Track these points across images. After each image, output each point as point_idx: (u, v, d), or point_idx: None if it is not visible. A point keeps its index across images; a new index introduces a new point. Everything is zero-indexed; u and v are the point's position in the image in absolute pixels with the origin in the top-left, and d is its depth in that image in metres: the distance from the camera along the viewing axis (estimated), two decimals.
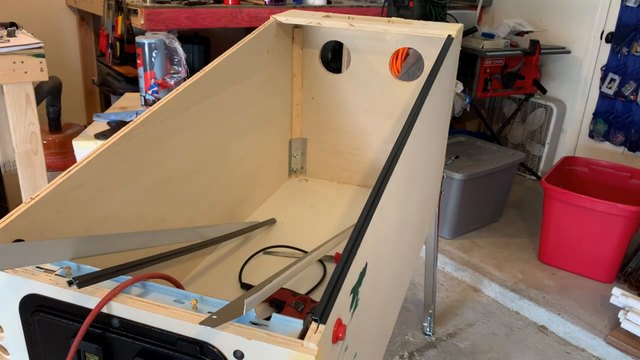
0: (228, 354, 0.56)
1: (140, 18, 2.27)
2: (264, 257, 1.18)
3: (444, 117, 1.47)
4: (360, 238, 0.70)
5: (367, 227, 0.72)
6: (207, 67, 1.09)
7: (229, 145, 1.22)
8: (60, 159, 2.45)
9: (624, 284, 2.16)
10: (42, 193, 0.74)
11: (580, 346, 1.96)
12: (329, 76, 1.50)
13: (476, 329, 2.04)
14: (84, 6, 2.91)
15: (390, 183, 0.80)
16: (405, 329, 2.02)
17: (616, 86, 2.77)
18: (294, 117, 1.55)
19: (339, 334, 0.60)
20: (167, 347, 0.59)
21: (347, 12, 1.66)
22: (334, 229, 1.10)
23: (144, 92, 1.79)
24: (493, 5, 3.30)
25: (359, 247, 0.68)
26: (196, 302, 0.59)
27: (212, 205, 1.17)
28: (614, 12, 2.73)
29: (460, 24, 1.39)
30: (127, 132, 0.88)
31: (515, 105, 3.15)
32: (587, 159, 2.51)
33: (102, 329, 0.61)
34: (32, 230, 0.72)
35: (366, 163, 1.55)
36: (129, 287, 0.62)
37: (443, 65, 1.15)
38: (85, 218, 0.82)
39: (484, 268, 2.31)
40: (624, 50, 2.71)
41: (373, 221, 0.73)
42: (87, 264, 0.66)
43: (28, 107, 1.59)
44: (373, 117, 1.49)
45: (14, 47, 1.54)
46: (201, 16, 2.37)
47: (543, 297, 2.12)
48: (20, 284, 0.63)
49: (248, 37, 1.23)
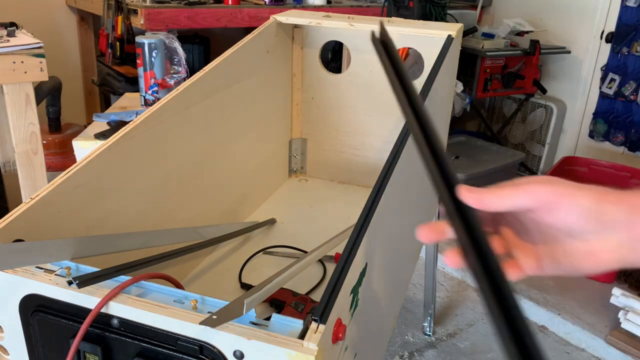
0: (228, 354, 0.56)
1: (140, 18, 2.27)
2: (264, 257, 1.18)
3: (444, 117, 1.47)
4: (360, 238, 0.69)
5: (367, 227, 0.72)
6: (207, 67, 1.09)
7: (229, 145, 1.22)
8: (60, 159, 2.45)
9: (624, 284, 2.16)
10: (42, 193, 0.74)
11: (580, 346, 1.96)
12: (329, 76, 1.50)
13: (476, 329, 2.04)
14: (84, 6, 2.91)
15: (390, 183, 0.80)
16: (405, 329, 2.02)
17: (616, 86, 2.77)
18: (294, 117, 1.54)
19: (339, 334, 0.60)
20: (167, 347, 0.59)
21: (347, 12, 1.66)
22: (334, 229, 1.10)
23: (144, 92, 1.79)
24: (493, 5, 3.30)
25: (359, 247, 0.68)
26: (196, 302, 0.59)
27: (212, 205, 1.17)
28: (614, 12, 2.73)
29: (460, 23, 1.39)
30: (127, 132, 0.88)
31: (515, 105, 3.15)
32: (587, 159, 2.51)
33: (101, 329, 0.61)
34: (32, 230, 0.72)
35: (366, 163, 1.55)
36: (128, 287, 0.62)
37: (443, 65, 1.15)
38: (85, 218, 0.82)
39: None
40: (624, 50, 2.71)
41: (373, 221, 0.73)
42: (87, 264, 0.66)
43: (28, 107, 1.59)
44: (373, 117, 1.49)
45: (13, 47, 1.54)
46: (201, 16, 2.37)
47: (543, 297, 2.12)
48: (20, 284, 0.63)
49: (248, 37, 1.23)
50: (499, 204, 0.46)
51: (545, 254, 0.48)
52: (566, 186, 0.45)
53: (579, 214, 0.45)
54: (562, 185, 0.45)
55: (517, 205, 0.46)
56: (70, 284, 0.61)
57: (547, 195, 0.45)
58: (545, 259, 0.48)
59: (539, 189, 0.45)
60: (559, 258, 0.47)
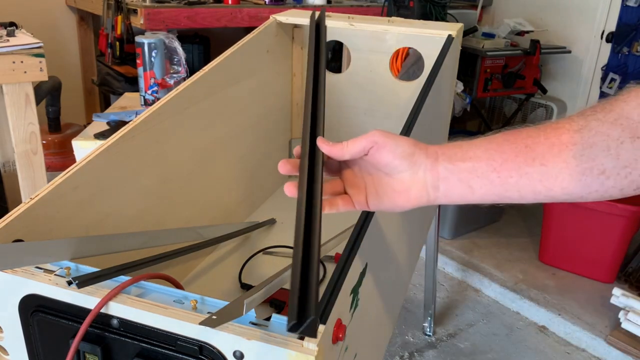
0: (228, 354, 0.56)
1: (140, 18, 2.27)
2: (263, 257, 1.18)
3: (444, 117, 1.47)
4: (360, 238, 0.69)
5: (367, 227, 0.72)
6: (206, 67, 1.08)
7: (229, 145, 1.21)
8: (60, 159, 2.45)
9: (625, 284, 2.16)
10: (41, 193, 0.74)
11: (580, 346, 1.96)
12: (329, 76, 1.50)
13: (476, 329, 2.04)
14: (84, 6, 2.91)
15: None
16: (405, 329, 2.02)
17: (617, 86, 2.77)
18: (294, 117, 1.54)
19: (339, 335, 0.60)
20: (167, 348, 0.58)
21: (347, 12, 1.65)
22: (334, 229, 1.10)
23: (144, 92, 1.78)
24: (493, 4, 3.30)
25: (359, 247, 0.68)
26: (196, 302, 0.59)
27: (212, 205, 1.17)
28: (614, 11, 2.73)
29: (460, 23, 1.39)
30: (126, 132, 0.88)
31: (515, 105, 3.14)
32: None
33: (101, 329, 0.61)
34: (32, 231, 0.72)
35: None
36: (128, 287, 0.62)
37: (443, 65, 1.15)
38: (85, 218, 0.82)
39: (484, 268, 2.31)
40: (625, 50, 2.71)
41: (373, 221, 0.73)
42: (87, 264, 0.66)
43: (27, 107, 1.59)
44: (373, 117, 1.49)
45: (13, 47, 1.54)
46: (201, 16, 2.37)
47: (543, 297, 2.12)
48: (20, 284, 0.63)
49: (248, 36, 1.23)
50: (345, 152, 0.60)
51: (371, 191, 0.61)
52: (392, 134, 0.59)
53: (398, 154, 0.57)
54: (389, 133, 0.59)
55: (357, 149, 0.59)
56: (70, 284, 0.61)
57: (379, 137, 0.58)
58: (370, 196, 0.61)
59: (373, 134, 0.59)
60: (380, 194, 0.60)
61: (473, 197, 0.57)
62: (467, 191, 0.56)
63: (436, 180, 0.57)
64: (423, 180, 0.58)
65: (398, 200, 0.59)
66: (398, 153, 0.57)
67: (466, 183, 0.56)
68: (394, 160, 0.58)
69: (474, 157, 0.56)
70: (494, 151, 0.55)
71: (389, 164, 0.58)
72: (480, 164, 0.55)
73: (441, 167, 0.57)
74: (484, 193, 0.56)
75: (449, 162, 0.57)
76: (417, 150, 0.58)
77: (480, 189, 0.56)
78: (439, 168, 0.57)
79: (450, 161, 0.57)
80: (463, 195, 0.57)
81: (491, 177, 0.55)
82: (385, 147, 0.58)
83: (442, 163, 0.57)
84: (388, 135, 0.59)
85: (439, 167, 0.57)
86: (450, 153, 0.57)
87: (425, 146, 0.58)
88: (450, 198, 0.58)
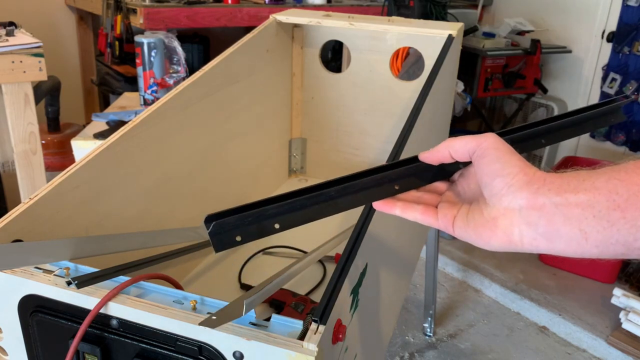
0: (227, 355, 0.55)
1: (140, 17, 2.27)
2: (263, 257, 1.17)
3: (444, 117, 1.46)
4: (361, 238, 0.69)
5: (367, 227, 0.71)
6: (206, 67, 1.08)
7: (229, 144, 1.21)
8: (59, 159, 2.45)
9: (625, 284, 2.16)
10: (40, 193, 0.74)
11: (581, 347, 1.95)
12: (329, 76, 1.50)
13: (477, 330, 2.04)
14: (83, 5, 2.91)
15: None
16: (405, 330, 2.02)
17: (617, 86, 2.76)
18: (293, 117, 1.54)
19: (339, 335, 0.60)
20: (166, 348, 0.58)
21: (347, 11, 1.65)
22: (334, 229, 1.10)
23: (143, 92, 1.78)
24: (494, 4, 3.30)
25: (359, 247, 0.68)
26: (195, 302, 0.59)
27: (212, 205, 1.17)
28: (615, 11, 2.73)
29: (460, 23, 1.39)
30: (126, 131, 0.87)
31: (516, 104, 3.14)
32: (588, 159, 2.51)
33: (101, 330, 0.61)
34: (31, 231, 0.72)
35: (366, 163, 1.54)
36: (128, 287, 0.61)
37: (443, 65, 1.15)
38: (84, 218, 0.81)
39: (484, 268, 2.31)
40: (625, 49, 2.71)
41: (373, 221, 0.73)
42: (86, 264, 0.65)
43: (27, 106, 1.59)
44: (373, 117, 1.49)
45: (12, 47, 1.54)
46: (200, 15, 2.37)
47: (544, 297, 2.12)
48: (19, 285, 0.63)
49: (247, 36, 1.23)
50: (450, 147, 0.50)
51: (463, 212, 0.49)
52: (506, 143, 0.48)
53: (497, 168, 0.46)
54: (503, 141, 0.48)
55: (459, 144, 0.49)
56: (69, 284, 0.60)
57: (486, 139, 0.47)
58: (460, 217, 0.49)
59: (486, 135, 0.48)
60: (469, 219, 0.48)
61: (587, 244, 0.41)
62: (577, 235, 0.41)
63: (534, 214, 0.43)
64: (516, 211, 0.44)
65: (483, 231, 0.46)
66: (497, 166, 0.46)
67: (577, 224, 0.41)
68: (492, 173, 0.46)
69: (590, 189, 0.41)
70: (618, 181, 0.40)
71: (486, 177, 0.47)
72: (599, 198, 0.41)
73: (543, 197, 0.42)
74: (601, 240, 0.41)
75: (556, 194, 0.42)
76: (522, 171, 0.45)
77: (596, 233, 0.41)
78: (539, 198, 0.43)
79: (559, 192, 0.42)
80: (571, 240, 0.42)
81: (613, 217, 0.40)
82: (486, 155, 0.47)
83: (546, 193, 0.42)
84: (500, 141, 0.47)
85: (540, 196, 0.43)
86: (562, 181, 0.43)
87: (535, 170, 0.45)
88: (553, 243, 0.43)
